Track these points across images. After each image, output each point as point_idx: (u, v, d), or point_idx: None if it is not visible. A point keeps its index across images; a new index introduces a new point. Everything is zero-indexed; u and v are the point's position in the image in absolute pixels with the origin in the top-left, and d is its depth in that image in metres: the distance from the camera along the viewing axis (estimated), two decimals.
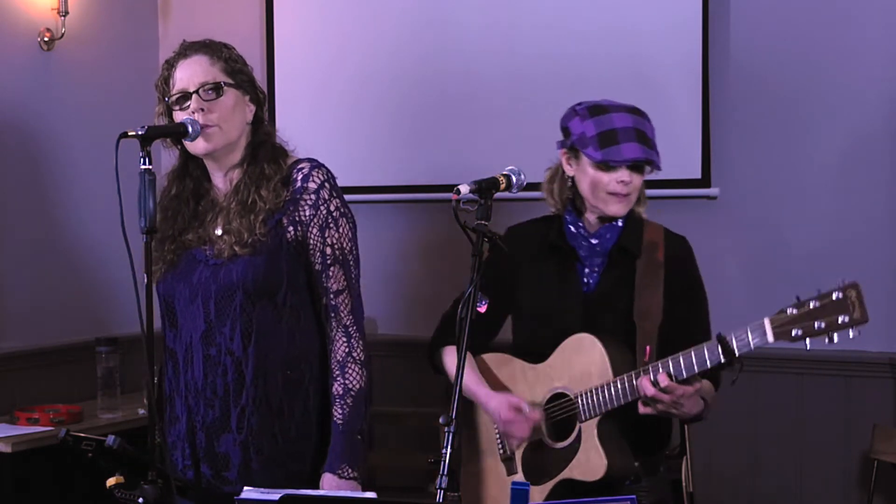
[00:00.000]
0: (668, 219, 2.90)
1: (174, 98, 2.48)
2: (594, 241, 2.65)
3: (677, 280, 2.63)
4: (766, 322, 2.23)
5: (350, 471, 2.42)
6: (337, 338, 2.49)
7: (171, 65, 2.52)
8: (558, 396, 2.61)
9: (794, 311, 2.19)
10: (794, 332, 2.19)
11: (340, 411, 2.45)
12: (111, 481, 2.18)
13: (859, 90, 3.53)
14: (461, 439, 2.71)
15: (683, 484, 2.66)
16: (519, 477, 2.65)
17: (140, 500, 2.10)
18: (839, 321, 2.14)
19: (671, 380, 2.37)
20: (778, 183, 3.65)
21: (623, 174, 2.57)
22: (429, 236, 4.19)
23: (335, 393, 2.47)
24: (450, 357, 2.77)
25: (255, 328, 2.45)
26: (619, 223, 2.66)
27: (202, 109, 2.44)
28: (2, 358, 3.99)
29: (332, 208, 2.48)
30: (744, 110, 3.69)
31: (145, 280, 2.16)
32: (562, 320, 2.64)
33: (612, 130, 2.54)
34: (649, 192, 2.79)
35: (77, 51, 4.30)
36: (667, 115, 3.68)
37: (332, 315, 2.49)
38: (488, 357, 2.79)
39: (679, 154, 3.67)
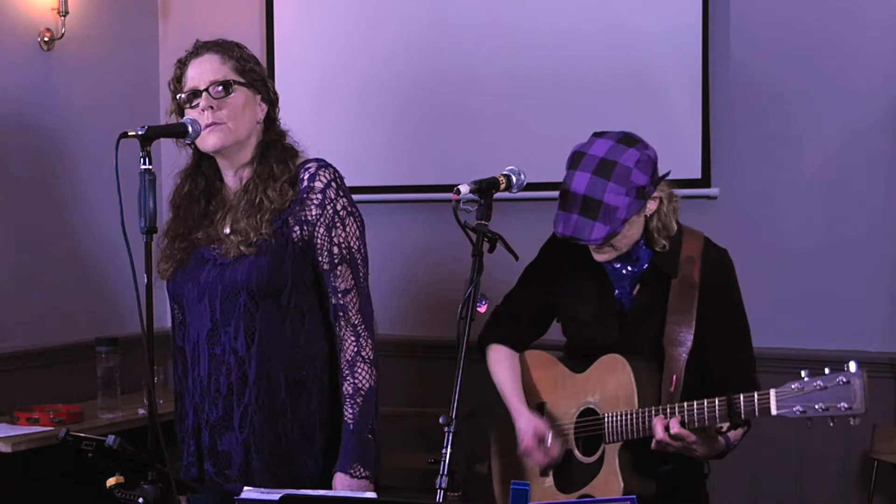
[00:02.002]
0: None
1: (185, 96, 2.49)
2: (617, 266, 2.59)
3: (712, 303, 2.53)
4: (772, 394, 2.22)
5: (362, 470, 2.43)
6: (346, 337, 2.48)
7: (183, 63, 2.52)
8: (589, 412, 2.59)
9: (799, 388, 2.19)
10: (795, 409, 2.19)
11: (351, 411, 2.45)
12: (111, 481, 2.18)
13: (859, 90, 3.53)
14: (502, 428, 2.71)
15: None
16: (549, 480, 2.65)
17: (140, 500, 2.09)
18: (838, 407, 2.14)
19: (683, 427, 2.34)
20: (778, 183, 3.65)
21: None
22: (429, 236, 4.18)
23: (345, 392, 2.46)
24: (494, 354, 2.76)
25: (259, 329, 2.44)
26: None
27: (211, 107, 2.44)
28: (2, 358, 3.99)
29: (338, 207, 2.47)
30: (744, 110, 3.69)
31: (145, 280, 2.16)
32: (599, 335, 2.61)
33: (566, 193, 2.46)
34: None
35: (77, 51, 4.30)
36: (667, 115, 3.69)
37: (341, 314, 2.49)
38: (537, 354, 2.77)
39: (679, 154, 3.67)
